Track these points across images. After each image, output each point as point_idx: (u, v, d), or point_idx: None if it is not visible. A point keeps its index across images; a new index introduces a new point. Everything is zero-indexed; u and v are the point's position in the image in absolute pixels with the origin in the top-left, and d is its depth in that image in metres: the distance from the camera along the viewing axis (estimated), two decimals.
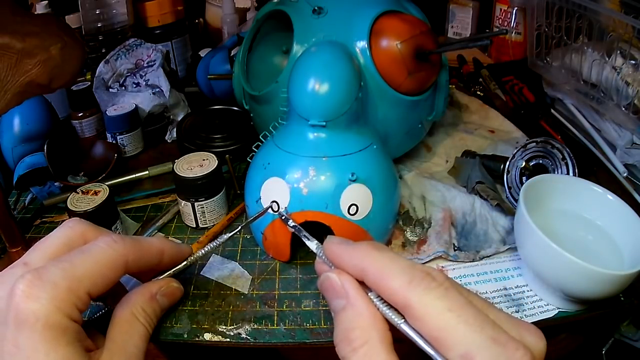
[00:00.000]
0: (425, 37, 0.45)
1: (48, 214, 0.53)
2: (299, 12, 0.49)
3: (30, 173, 0.56)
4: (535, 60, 0.70)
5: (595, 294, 0.36)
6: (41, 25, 0.37)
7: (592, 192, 0.42)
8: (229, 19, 0.86)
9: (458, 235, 0.47)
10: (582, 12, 0.58)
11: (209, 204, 0.48)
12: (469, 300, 0.23)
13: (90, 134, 0.66)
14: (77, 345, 0.27)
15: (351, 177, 0.40)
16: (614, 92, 0.56)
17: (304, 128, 0.41)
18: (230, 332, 0.38)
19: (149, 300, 0.34)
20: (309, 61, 0.42)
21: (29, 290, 0.26)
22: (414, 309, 0.23)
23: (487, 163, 0.53)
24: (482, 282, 0.42)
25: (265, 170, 0.42)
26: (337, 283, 0.27)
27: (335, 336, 0.25)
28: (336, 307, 0.27)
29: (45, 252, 0.31)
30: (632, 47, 0.54)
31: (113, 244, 0.31)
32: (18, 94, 0.37)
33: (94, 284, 0.29)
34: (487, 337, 0.21)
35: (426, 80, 0.48)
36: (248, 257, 0.46)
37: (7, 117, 0.58)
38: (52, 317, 0.26)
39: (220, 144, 0.61)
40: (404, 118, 0.50)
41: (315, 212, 0.40)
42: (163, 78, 0.66)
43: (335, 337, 0.25)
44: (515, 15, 0.83)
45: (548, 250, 0.36)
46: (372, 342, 0.24)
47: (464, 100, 0.72)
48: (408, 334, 0.24)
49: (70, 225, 0.33)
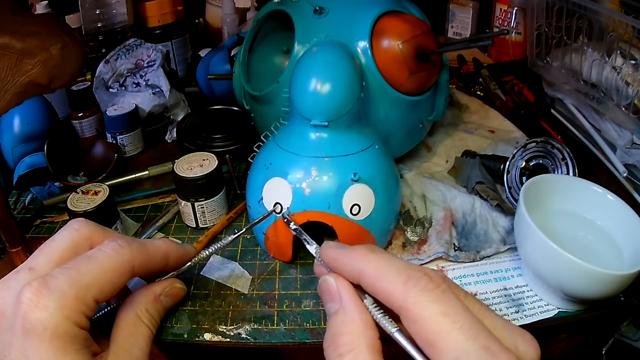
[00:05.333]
0: (426, 37, 0.45)
1: (48, 214, 0.53)
2: (300, 12, 0.49)
3: (30, 173, 0.56)
4: (535, 60, 0.70)
5: (595, 294, 0.36)
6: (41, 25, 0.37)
7: (592, 192, 0.42)
8: (229, 19, 0.86)
9: (458, 235, 0.47)
10: (582, 12, 0.58)
11: (209, 204, 0.48)
12: (465, 305, 0.23)
13: (90, 134, 0.66)
14: (85, 351, 0.27)
15: (353, 177, 0.40)
16: (614, 92, 0.56)
17: (305, 128, 0.41)
18: (230, 332, 0.38)
19: (153, 302, 0.34)
20: (310, 61, 0.42)
21: (36, 298, 0.26)
22: (409, 311, 0.23)
23: (487, 163, 0.53)
24: (482, 282, 0.42)
25: (267, 171, 0.42)
26: (332, 286, 0.27)
27: (325, 340, 0.25)
28: (330, 310, 0.27)
29: (51, 257, 0.30)
30: (632, 47, 0.54)
31: (120, 249, 0.30)
32: (18, 94, 0.37)
33: (101, 291, 0.28)
34: (480, 346, 0.21)
35: (427, 80, 0.48)
36: (248, 257, 0.46)
37: (7, 117, 0.58)
38: (61, 326, 0.26)
39: (220, 144, 0.61)
40: (405, 118, 0.50)
41: (317, 212, 0.40)
42: (163, 78, 0.66)
43: (324, 341, 0.25)
44: (515, 15, 0.83)
45: (548, 250, 0.36)
46: (360, 349, 0.23)
47: (464, 100, 0.72)
48: (401, 342, 0.23)
49: (76, 228, 0.32)
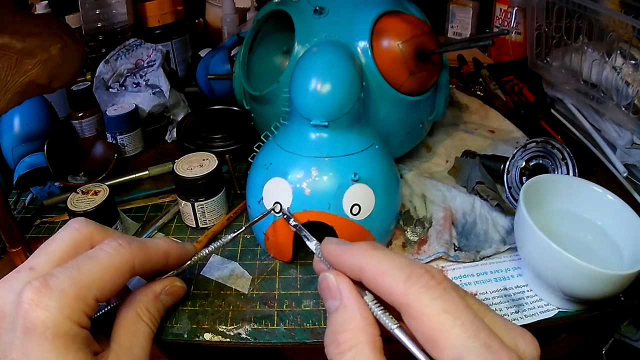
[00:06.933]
0: (426, 37, 0.45)
1: (48, 214, 0.53)
2: (300, 12, 0.49)
3: (30, 173, 0.56)
4: (535, 60, 0.70)
5: (595, 294, 0.36)
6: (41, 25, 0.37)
7: (592, 192, 0.42)
8: (229, 19, 0.86)
9: (458, 235, 0.47)
10: (582, 12, 0.58)
11: (209, 204, 0.48)
12: (466, 303, 0.23)
13: (90, 134, 0.66)
14: (86, 350, 0.27)
15: (354, 177, 0.40)
16: (614, 92, 0.56)
17: (306, 128, 0.41)
18: (230, 332, 0.38)
19: (153, 300, 0.34)
20: (310, 61, 0.42)
21: (37, 298, 0.26)
22: (410, 307, 0.23)
23: (487, 163, 0.53)
24: (482, 282, 0.42)
25: (267, 171, 0.42)
26: (333, 283, 0.26)
27: (326, 337, 0.25)
28: (330, 307, 0.26)
29: (52, 257, 0.30)
30: (632, 47, 0.54)
31: (120, 248, 0.30)
32: (18, 94, 0.37)
33: (101, 290, 0.28)
34: (480, 343, 0.21)
35: (427, 80, 0.48)
36: (248, 257, 0.46)
37: (7, 117, 0.58)
38: (62, 325, 0.26)
39: (220, 144, 0.61)
40: (405, 118, 0.50)
41: (317, 212, 0.40)
42: (163, 78, 0.66)
43: (325, 338, 0.25)
44: (515, 15, 0.83)
45: (548, 250, 0.36)
46: (361, 346, 0.23)
47: (464, 100, 0.72)
48: (401, 339, 0.23)
49: (77, 227, 0.32)
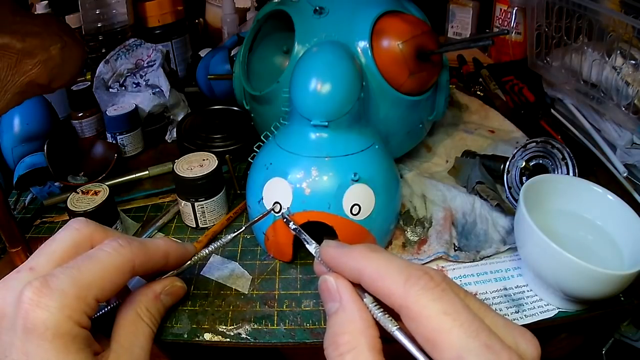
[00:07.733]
0: (426, 37, 0.45)
1: (48, 214, 0.53)
2: (300, 12, 0.49)
3: (30, 173, 0.56)
4: (535, 60, 0.70)
5: (595, 294, 0.36)
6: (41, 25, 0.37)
7: (592, 192, 0.42)
8: (229, 19, 0.86)
9: (458, 235, 0.47)
10: (582, 12, 0.58)
11: (209, 204, 0.48)
12: (465, 304, 0.23)
13: (90, 134, 0.66)
14: (87, 350, 0.27)
15: (354, 177, 0.40)
16: (614, 92, 0.56)
17: (306, 128, 0.41)
18: (230, 332, 0.38)
19: (153, 300, 0.34)
20: (310, 61, 0.42)
21: (37, 298, 0.26)
22: (409, 309, 0.23)
23: (487, 163, 0.53)
24: (482, 282, 0.42)
25: (267, 171, 0.42)
26: (332, 286, 0.26)
27: (325, 339, 0.25)
28: (330, 310, 0.26)
29: (52, 257, 0.30)
30: (632, 47, 0.54)
31: (120, 248, 0.30)
32: (18, 94, 0.37)
33: (101, 290, 0.28)
34: (481, 343, 0.21)
35: (427, 80, 0.48)
36: (248, 257, 0.46)
37: (7, 117, 0.58)
38: (62, 325, 0.26)
39: (220, 144, 0.61)
40: (405, 118, 0.50)
41: (317, 212, 0.40)
42: (163, 78, 0.66)
43: (325, 340, 0.25)
44: (515, 15, 0.83)
45: (548, 250, 0.36)
46: (360, 348, 0.23)
47: (464, 100, 0.72)
48: (401, 341, 0.23)
49: (77, 227, 0.32)
